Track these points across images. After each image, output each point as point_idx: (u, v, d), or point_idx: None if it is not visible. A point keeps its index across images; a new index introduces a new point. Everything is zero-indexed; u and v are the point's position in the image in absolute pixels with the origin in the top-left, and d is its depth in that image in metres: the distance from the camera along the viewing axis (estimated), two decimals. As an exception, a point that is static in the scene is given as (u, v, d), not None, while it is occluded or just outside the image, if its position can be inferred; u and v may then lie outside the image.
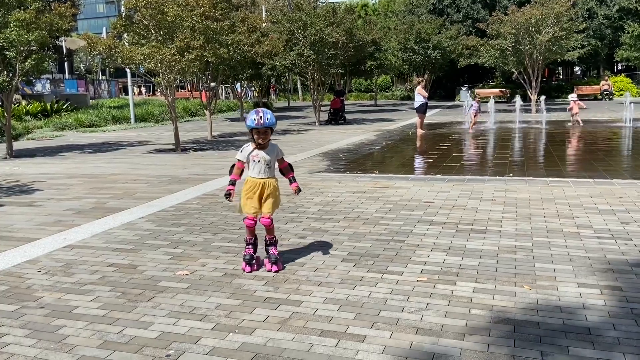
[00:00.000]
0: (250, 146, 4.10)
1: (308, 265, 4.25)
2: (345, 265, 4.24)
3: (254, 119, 3.95)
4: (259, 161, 4.06)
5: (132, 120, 23.00)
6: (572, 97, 17.14)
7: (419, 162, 10.33)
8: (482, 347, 2.88)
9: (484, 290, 3.65)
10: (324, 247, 4.72)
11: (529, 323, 3.14)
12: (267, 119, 3.96)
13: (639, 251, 4.35)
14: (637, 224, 5.13)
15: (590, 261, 4.15)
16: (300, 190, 4.25)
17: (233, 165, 4.18)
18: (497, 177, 7.92)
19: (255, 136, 4.03)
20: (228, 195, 4.10)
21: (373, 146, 12.82)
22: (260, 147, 4.07)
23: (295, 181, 4.26)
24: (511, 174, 8.15)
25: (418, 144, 13.49)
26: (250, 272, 4.06)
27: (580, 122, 16.68)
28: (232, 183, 4.12)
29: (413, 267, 4.14)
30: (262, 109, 4.05)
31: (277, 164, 4.25)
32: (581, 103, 16.97)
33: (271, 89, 47.65)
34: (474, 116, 16.31)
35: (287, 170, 4.29)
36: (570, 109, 17.03)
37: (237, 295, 3.68)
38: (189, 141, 15.24)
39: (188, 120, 25.06)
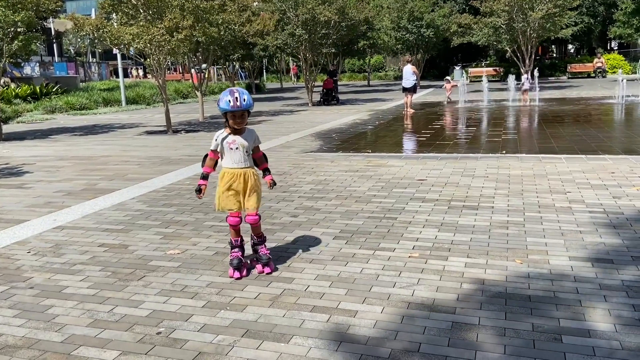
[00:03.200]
0: (224, 132, 3.58)
1: (300, 243, 4.24)
2: (337, 242, 4.22)
3: (229, 101, 3.41)
4: (236, 148, 3.55)
5: (123, 103, 22.78)
6: (447, 78, 19.69)
7: (411, 141, 10.29)
8: (474, 320, 2.88)
9: (475, 265, 3.65)
10: (315, 224, 4.70)
11: (520, 296, 3.14)
12: (244, 100, 3.43)
13: (630, 225, 4.36)
14: (628, 199, 5.14)
15: (582, 235, 4.16)
16: (275, 184, 3.76)
17: (205, 157, 3.70)
18: (490, 154, 7.91)
19: (231, 121, 3.50)
20: (199, 190, 3.61)
21: (366, 126, 12.76)
22: (236, 132, 3.58)
23: (269, 173, 3.78)
24: (504, 151, 8.14)
25: (410, 123, 13.43)
26: (240, 278, 3.54)
27: (450, 99, 18.92)
28: (205, 177, 3.64)
29: (405, 244, 4.13)
30: (237, 88, 3.51)
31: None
32: (452, 85, 19.28)
33: (292, 71, 46.65)
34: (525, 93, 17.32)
35: (261, 160, 3.76)
36: (445, 89, 19.25)
37: (229, 273, 3.66)
38: (180, 123, 15.12)
39: (180, 102, 24.85)
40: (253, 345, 2.70)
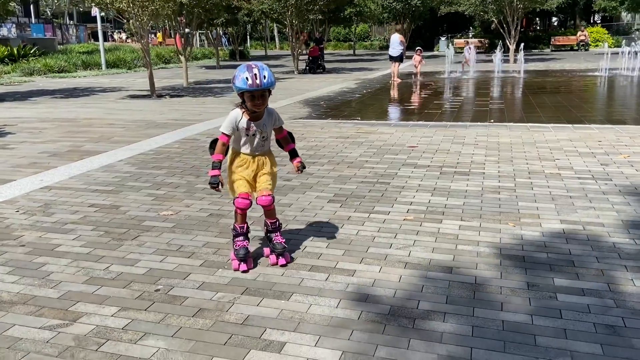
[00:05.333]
0: (240, 116, 3.01)
1: (294, 206, 4.23)
2: (332, 205, 4.23)
3: (246, 78, 2.85)
4: (253, 134, 3.04)
5: (104, 66, 22.25)
6: (419, 48, 18.08)
7: (400, 109, 10.26)
8: (470, 279, 2.92)
9: (469, 227, 3.69)
10: (309, 188, 4.69)
11: (514, 257, 3.19)
12: (264, 77, 2.87)
13: (619, 190, 4.43)
14: (616, 165, 5.22)
15: (572, 200, 4.22)
16: (304, 167, 3.29)
17: (214, 141, 3.11)
18: (479, 123, 7.94)
19: (249, 102, 2.94)
20: (216, 184, 3.02)
21: (354, 94, 12.68)
22: (254, 115, 3.03)
23: (297, 155, 3.27)
24: (492, 120, 8.17)
25: (397, 92, 13.38)
26: (247, 271, 3.05)
27: (419, 75, 17.26)
28: (218, 166, 3.02)
29: (399, 207, 4.15)
30: (255, 63, 2.95)
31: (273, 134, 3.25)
32: (421, 60, 17.69)
33: (303, 37, 43.93)
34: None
35: (286, 141, 3.26)
36: (415, 60, 17.57)
37: (225, 234, 3.64)
38: (164, 88, 14.83)
39: (162, 67, 24.34)
40: (254, 302, 2.71)
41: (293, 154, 3.26)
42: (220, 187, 3.04)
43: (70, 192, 4.66)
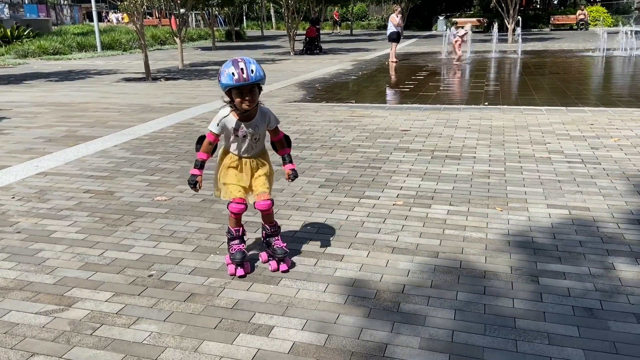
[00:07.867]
0: (229, 115, 2.80)
1: (286, 191, 4.29)
2: (323, 190, 4.29)
3: (232, 74, 2.62)
4: (243, 136, 2.83)
5: (99, 48, 22.10)
6: (460, 23, 16.93)
7: (395, 92, 10.27)
8: (455, 263, 3.00)
9: (457, 212, 3.76)
10: (301, 173, 4.72)
11: (500, 242, 3.27)
12: (252, 71, 2.63)
13: (607, 174, 4.50)
14: (606, 149, 5.28)
15: (560, 184, 4.29)
16: (296, 176, 3.05)
17: (201, 138, 2.92)
18: (473, 106, 7.96)
19: (237, 99, 2.71)
20: (194, 184, 2.88)
21: (349, 76, 12.66)
22: (245, 115, 2.81)
23: (291, 161, 3.05)
24: (486, 103, 8.19)
25: (392, 73, 13.35)
26: (244, 275, 2.89)
27: (457, 57, 15.99)
28: (200, 165, 2.87)
29: (389, 192, 4.21)
30: (242, 57, 2.70)
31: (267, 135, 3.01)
32: (460, 41, 16.13)
33: (335, 15, 39.56)
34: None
35: (281, 144, 3.04)
36: (457, 42, 16.12)
37: (217, 219, 3.71)
38: (159, 70, 14.77)
39: (157, 49, 24.19)
40: (244, 287, 2.79)
41: (286, 158, 3.04)
42: (197, 187, 2.89)
43: (66, 178, 4.71)
